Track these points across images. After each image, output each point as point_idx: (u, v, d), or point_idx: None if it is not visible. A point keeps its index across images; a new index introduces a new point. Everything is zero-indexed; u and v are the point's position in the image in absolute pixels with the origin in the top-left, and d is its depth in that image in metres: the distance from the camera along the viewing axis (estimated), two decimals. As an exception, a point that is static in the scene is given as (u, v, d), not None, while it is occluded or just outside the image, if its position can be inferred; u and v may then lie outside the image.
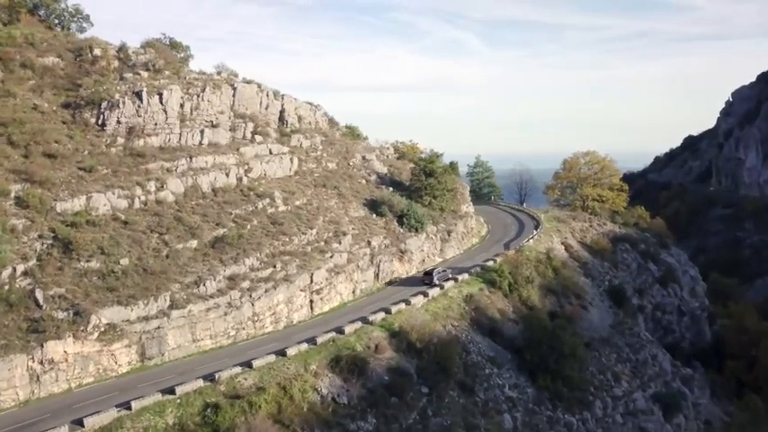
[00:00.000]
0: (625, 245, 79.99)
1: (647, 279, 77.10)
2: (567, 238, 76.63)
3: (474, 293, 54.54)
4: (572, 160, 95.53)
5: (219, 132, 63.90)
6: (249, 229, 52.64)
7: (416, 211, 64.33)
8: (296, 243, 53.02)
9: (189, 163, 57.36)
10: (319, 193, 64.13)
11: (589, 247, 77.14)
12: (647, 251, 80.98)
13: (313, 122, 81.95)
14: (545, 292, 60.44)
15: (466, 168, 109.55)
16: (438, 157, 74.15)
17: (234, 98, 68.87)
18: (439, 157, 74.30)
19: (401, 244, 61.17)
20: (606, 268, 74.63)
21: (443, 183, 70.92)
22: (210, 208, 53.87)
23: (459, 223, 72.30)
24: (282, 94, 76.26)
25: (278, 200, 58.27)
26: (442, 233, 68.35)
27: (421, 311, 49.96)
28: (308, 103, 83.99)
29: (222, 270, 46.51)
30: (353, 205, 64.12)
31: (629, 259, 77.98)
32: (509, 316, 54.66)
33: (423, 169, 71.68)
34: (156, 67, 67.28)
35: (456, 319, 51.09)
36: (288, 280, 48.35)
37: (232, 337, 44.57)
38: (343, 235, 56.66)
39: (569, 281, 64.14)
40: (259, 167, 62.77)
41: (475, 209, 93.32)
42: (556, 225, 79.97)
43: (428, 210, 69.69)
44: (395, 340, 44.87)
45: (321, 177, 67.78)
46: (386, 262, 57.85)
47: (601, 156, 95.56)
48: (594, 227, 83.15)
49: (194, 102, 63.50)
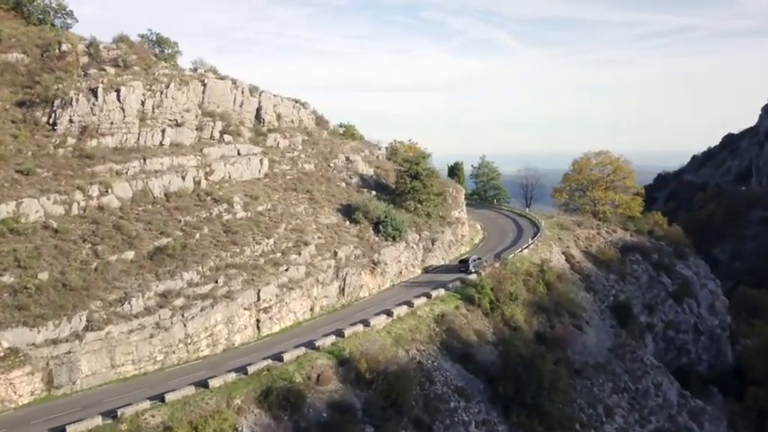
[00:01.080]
0: (635, 255, 72.36)
1: (658, 293, 69.37)
2: (570, 248, 69.58)
3: (447, 312, 48.49)
4: (582, 161, 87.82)
5: (183, 132, 59.41)
6: (198, 238, 47.81)
7: (394, 217, 58.51)
8: (247, 254, 47.92)
9: (142, 165, 52.94)
10: (288, 197, 58.94)
11: (594, 257, 69.91)
12: (661, 262, 73.13)
13: (296, 121, 76.87)
14: (534, 309, 53.90)
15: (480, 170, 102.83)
16: (425, 157, 68.02)
17: (204, 95, 64.37)
18: (426, 158, 68.13)
19: (374, 254, 55.46)
20: (612, 281, 67.35)
21: (429, 186, 64.84)
22: (158, 215, 49.24)
23: (447, 231, 66.11)
24: (261, 91, 71.44)
25: (237, 205, 53.32)
26: (426, 242, 62.31)
27: (381, 334, 44.27)
28: (293, 100, 79.05)
29: (155, 285, 41.74)
30: (325, 211, 58.73)
31: (639, 271, 70.39)
32: (487, 338, 48.43)
33: (406, 171, 65.71)
34: (126, 63, 62.97)
35: (423, 343, 45.19)
36: (229, 297, 43.26)
37: (159, 362, 39.72)
38: (304, 245, 51.31)
39: (564, 297, 57.36)
40: (222, 170, 58.00)
41: (475, 214, 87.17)
42: (558, 232, 72.90)
43: (412, 216, 63.82)
44: (342, 369, 39.31)
45: (294, 180, 62.60)
46: (353, 275, 52.23)
47: (614, 156, 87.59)
48: (602, 234, 75.70)
49: (157, 99, 59.06)
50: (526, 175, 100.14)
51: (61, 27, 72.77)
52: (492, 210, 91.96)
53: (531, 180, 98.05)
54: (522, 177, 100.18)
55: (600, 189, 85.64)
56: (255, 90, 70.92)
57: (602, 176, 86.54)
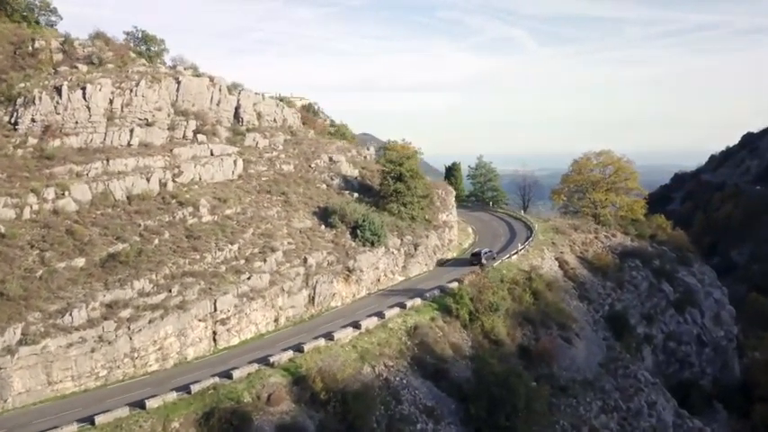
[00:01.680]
0: (635, 261, 68.28)
1: (658, 302, 65.28)
2: (564, 253, 65.81)
3: (422, 324, 45.16)
4: (582, 161, 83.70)
5: (154, 131, 56.92)
6: (156, 244, 45.08)
7: (373, 221, 55.29)
8: (208, 261, 45.07)
9: (105, 166, 50.43)
10: (261, 200, 56.05)
11: (590, 263, 66.03)
12: (662, 269, 68.95)
13: (279, 119, 74.21)
14: (519, 321, 50.34)
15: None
16: (409, 158, 64.63)
17: (178, 93, 61.81)
18: (410, 158, 64.73)
19: (350, 261, 52.29)
20: (608, 289, 63.46)
21: (413, 188, 61.52)
22: (117, 219, 46.60)
23: (433, 235, 62.68)
24: (240, 89, 68.75)
25: (203, 209, 50.54)
26: (408, 247, 58.98)
27: (346, 349, 41.09)
28: (276, 98, 76.44)
29: (102, 295, 39.03)
30: (300, 214, 55.72)
31: (638, 278, 66.32)
32: (464, 352, 45.01)
33: (389, 173, 62.46)
34: (101, 60, 60.53)
35: (392, 358, 41.93)
36: (182, 308, 40.38)
37: (102, 378, 36.98)
38: (271, 251, 48.33)
39: (553, 306, 53.68)
40: (192, 171, 55.36)
41: (468, 217, 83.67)
42: (552, 237, 69.14)
43: (395, 219, 60.61)
44: (297, 388, 36.27)
45: (269, 182, 59.74)
46: (324, 283, 49.11)
47: (615, 156, 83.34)
48: (600, 239, 71.71)
49: (127, 97, 56.54)
50: (523, 175, 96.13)
51: (46, 25, 70.90)
52: (487, 212, 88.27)
53: (529, 181, 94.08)
54: (519, 178, 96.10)
55: (600, 191, 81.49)
56: (234, 88, 68.30)
57: (602, 177, 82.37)
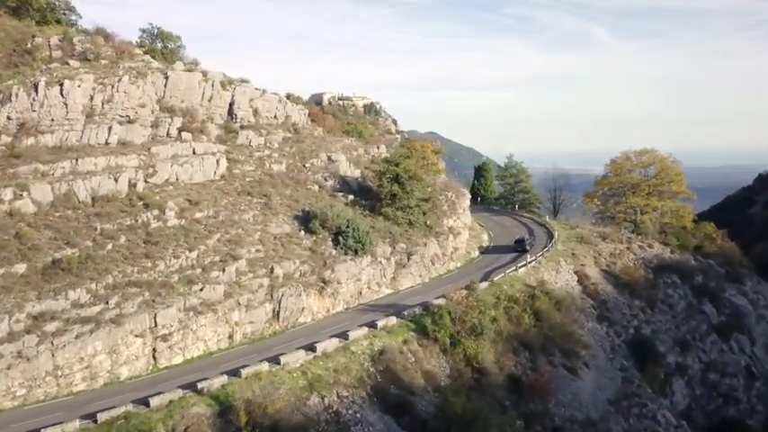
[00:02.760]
0: (672, 276, 59.22)
1: (697, 326, 56.08)
2: (585, 266, 57.86)
3: (390, 348, 39.43)
4: (619, 160, 74.54)
5: (135, 129, 54.09)
6: (109, 249, 41.71)
7: (357, 227, 50.01)
8: (160, 270, 41.26)
9: (73, 165, 47.74)
10: (239, 202, 51.98)
11: (617, 278, 57.72)
12: (705, 286, 59.46)
13: (281, 116, 70.22)
14: (513, 346, 43.57)
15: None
16: (408, 157, 58.63)
17: (166, 89, 58.84)
18: (408, 157, 58.71)
19: (326, 271, 47.24)
20: (636, 309, 55.05)
21: (410, 191, 55.67)
22: (74, 222, 43.65)
23: (432, 243, 56.61)
24: (235, 85, 65.14)
25: (170, 212, 46.91)
26: (400, 256, 53.24)
27: (294, 375, 36.02)
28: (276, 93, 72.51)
29: (31, 306, 35.86)
30: (279, 219, 51.24)
31: (674, 297, 57.35)
32: (439, 382, 38.89)
33: (384, 173, 56.89)
34: (97, 56, 58.64)
35: (348, 387, 36.48)
36: (117, 322, 36.64)
37: (21, 397, 33.70)
38: (233, 259, 44.01)
39: (558, 329, 46.40)
40: (168, 171, 52.03)
41: (491, 222, 76.69)
42: (574, 247, 61.24)
43: (389, 225, 55.11)
44: (221, 421, 31.56)
45: (253, 182, 55.67)
46: (291, 296, 44.28)
47: (660, 155, 73.67)
48: (633, 250, 62.94)
49: (108, 93, 54.03)
50: (554, 177, 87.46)
51: (66, 24, 70.45)
52: (512, 217, 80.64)
53: (560, 183, 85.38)
54: (550, 179, 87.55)
55: (640, 194, 72.17)
56: (228, 83, 64.76)
57: (643, 179, 72.96)
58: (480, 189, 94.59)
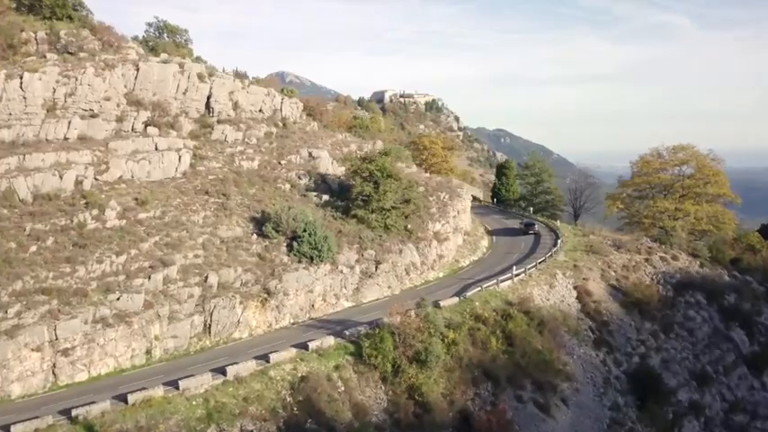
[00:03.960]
0: (696, 295, 50.19)
1: (723, 356, 46.98)
2: (588, 280, 49.99)
3: (317, 374, 34.06)
4: (646, 158, 65.08)
5: (96, 124, 51.50)
6: (32, 251, 38.70)
7: (314, 231, 44.82)
8: (78, 276, 37.76)
9: (20, 162, 45.32)
10: (193, 202, 48.05)
11: (626, 294, 49.46)
12: (737, 308, 49.99)
13: (269, 110, 66.11)
14: (472, 376, 37.01)
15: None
16: (385, 154, 52.60)
17: (136, 81, 55.96)
18: (386, 154, 52.68)
19: (272, 281, 42.34)
20: (645, 333, 46.77)
21: (383, 192, 49.86)
22: (5, 221, 40.95)
23: (410, 250, 50.59)
24: (214, 77, 61.41)
25: (111, 211, 43.51)
26: (367, 264, 47.57)
27: (194, 402, 31.36)
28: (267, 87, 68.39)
29: (-76, 313, 33.17)
30: (232, 221, 46.89)
31: (696, 320, 48.42)
32: (371, 417, 33.17)
33: (357, 171, 51.38)
34: (82, 49, 56.94)
35: (256, 419, 31.50)
36: (10, 333, 33.28)
37: None
38: (164, 266, 39.93)
39: (535, 357, 39.31)
40: (123, 168, 48.87)
41: (498, 225, 69.38)
42: (579, 257, 53.32)
43: (361, 228, 49.65)
44: (85, 458, 27.29)
45: (216, 181, 51.67)
46: (224, 308, 39.67)
47: (697, 151, 63.69)
48: (653, 262, 54.18)
49: (71, 86, 51.63)
50: (576, 177, 78.38)
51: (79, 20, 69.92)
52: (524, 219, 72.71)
53: (581, 184, 76.28)
54: (572, 181, 78.60)
55: (673, 197, 62.63)
56: (207, 75, 61.09)
57: (675, 180, 63.32)
58: (502, 189, 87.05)
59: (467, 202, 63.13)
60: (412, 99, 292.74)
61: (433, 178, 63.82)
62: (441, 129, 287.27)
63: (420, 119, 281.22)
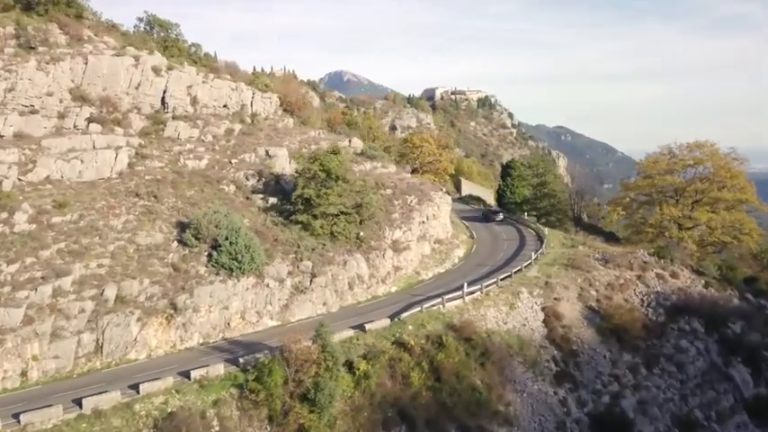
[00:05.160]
0: (693, 321, 42.16)
1: (718, 399, 38.83)
2: (561, 300, 43.00)
3: (189, 411, 29.30)
4: (652, 158, 56.54)
5: (35, 120, 49.07)
6: None
7: (236, 239, 40.10)
8: (-42, 287, 34.51)
9: (-60, 161, 43.09)
10: (120, 204, 44.33)
11: (605, 319, 42.12)
12: (742, 339, 41.55)
13: (234, 105, 62.11)
14: (386, 416, 31.30)
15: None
16: (336, 152, 47.05)
17: (84, 75, 53.11)
18: (336, 153, 47.11)
19: (182, 295, 37.91)
20: (622, 367, 39.41)
21: (325, 195, 44.54)
22: None
23: (357, 261, 45.12)
24: (170, 71, 57.70)
25: (23, 215, 40.37)
26: (302, 278, 42.41)
27: (35, 440, 27.21)
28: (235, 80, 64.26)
29: None
30: (156, 226, 42.86)
31: (690, 352, 40.52)
32: (246, 465, 28.05)
33: (301, 173, 46.30)
34: (46, 43, 55.16)
35: (104, 464, 27.01)
36: None
37: None
38: (57, 276, 36.21)
39: (467, 395, 33.06)
40: (52, 167, 45.79)
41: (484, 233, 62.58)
42: (556, 272, 46.25)
43: (307, 236, 44.65)
44: None
45: (152, 181, 47.85)
46: (119, 326, 35.50)
47: (715, 149, 54.68)
48: (646, 280, 46.38)
49: (12, 81, 49.26)
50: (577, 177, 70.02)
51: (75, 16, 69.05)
52: (518, 226, 65.54)
53: (582, 185, 67.91)
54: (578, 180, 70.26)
55: (684, 202, 54.07)
56: (165, 69, 57.50)
57: (687, 183, 54.67)
58: (506, 192, 79.80)
59: (443, 207, 56.86)
60: (464, 96, 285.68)
61: (407, 180, 57.81)
62: (493, 126, 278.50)
63: (471, 116, 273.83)
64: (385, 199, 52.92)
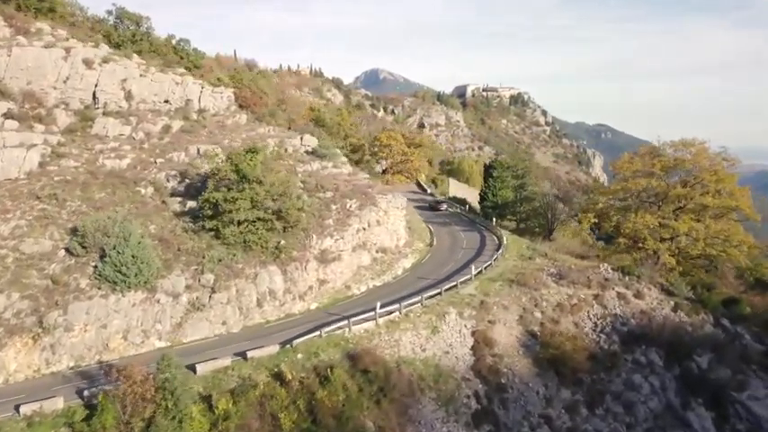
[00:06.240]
0: (650, 353, 35.76)
1: (671, 448, 32.37)
2: (496, 324, 37.29)
3: (3, 455, 25.08)
4: (625, 159, 49.75)
5: (-56, 117, 45.84)
6: None
7: (122, 249, 35.87)
8: None
9: None
10: (16, 208, 40.73)
11: (545, 347, 36.20)
12: (706, 376, 34.88)
13: (177, 101, 58.16)
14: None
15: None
16: (253, 152, 42.19)
17: (7, 68, 49.91)
18: (254, 152, 42.22)
19: (54, 312, 33.91)
20: (558, 406, 33.41)
21: (234, 200, 39.87)
22: None
23: (271, 275, 40.34)
24: (106, 64, 53.94)
25: None
26: (201, 293, 37.89)
27: None
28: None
29: None
30: (47, 232, 39.03)
31: (642, 389, 34.25)
32: None
33: (210, 174, 41.76)
34: None
35: None
36: None
37: None
38: None
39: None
40: (-48, 168, 42.53)
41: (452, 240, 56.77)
42: (498, 290, 40.45)
43: (215, 245, 40.15)
44: None
45: (61, 183, 44.19)
46: (-31, 347, 31.69)
47: (703, 148, 47.67)
48: (604, 300, 40.10)
49: (-76, 76, 46.52)
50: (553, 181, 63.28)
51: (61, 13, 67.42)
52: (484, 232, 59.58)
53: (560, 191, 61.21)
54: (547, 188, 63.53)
55: (666, 209, 47.28)
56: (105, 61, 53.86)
57: (668, 187, 47.83)
58: (488, 193, 73.68)
59: (393, 212, 51.56)
60: (496, 93, 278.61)
61: (353, 181, 52.61)
62: (525, 123, 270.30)
63: (503, 113, 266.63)
64: (321, 203, 48.00)
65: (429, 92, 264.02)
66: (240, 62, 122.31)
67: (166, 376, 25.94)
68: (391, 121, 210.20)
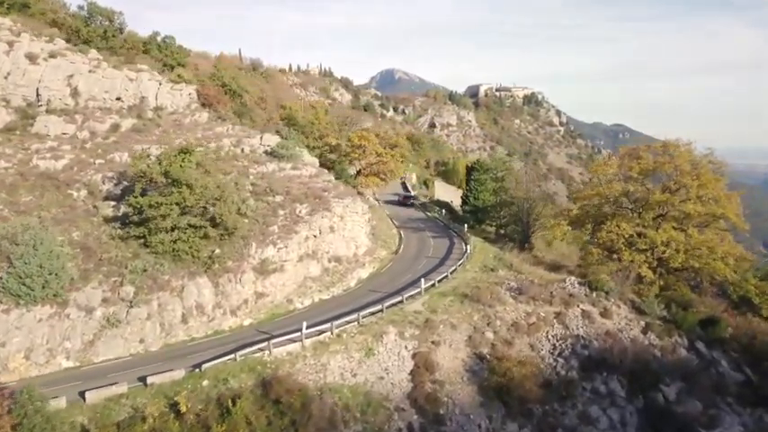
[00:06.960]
0: (611, 381, 31.75)
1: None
2: (441, 345, 33.59)
3: None
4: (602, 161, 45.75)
5: None
6: None
7: (29, 259, 32.82)
8: None
9: None
10: (-70, 213, 37.84)
11: (494, 372, 32.39)
12: (671, 409, 30.77)
13: (131, 98, 55.15)
14: None
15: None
16: (189, 152, 38.86)
17: (-57, 64, 47.36)
18: (187, 152, 38.90)
19: (-52, 327, 30.90)
20: (501, 441, 29.50)
21: (160, 204, 36.63)
22: None
23: (199, 287, 37.06)
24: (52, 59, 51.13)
25: None
26: (119, 307, 34.67)
27: None
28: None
29: None
30: (-39, 240, 35.94)
31: (600, 424, 30.29)
32: None
33: (139, 177, 38.55)
34: None
35: None
36: None
37: None
38: None
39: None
40: None
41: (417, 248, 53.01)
42: (447, 306, 36.70)
43: (143, 254, 36.99)
44: None
45: (-13, 186, 41.15)
46: None
47: (686, 150, 43.43)
48: (565, 319, 36.13)
49: None
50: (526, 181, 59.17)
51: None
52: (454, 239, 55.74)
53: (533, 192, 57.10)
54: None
55: (645, 216, 43.14)
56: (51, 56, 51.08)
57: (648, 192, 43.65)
58: (470, 196, 69.79)
59: (350, 218, 48.00)
60: (509, 93, 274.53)
61: (309, 184, 49.14)
62: (539, 124, 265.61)
63: (516, 113, 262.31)
64: (269, 208, 44.59)
65: (440, 91, 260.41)
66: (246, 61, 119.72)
67: (27, 409, 22.65)
68: (401, 121, 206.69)
